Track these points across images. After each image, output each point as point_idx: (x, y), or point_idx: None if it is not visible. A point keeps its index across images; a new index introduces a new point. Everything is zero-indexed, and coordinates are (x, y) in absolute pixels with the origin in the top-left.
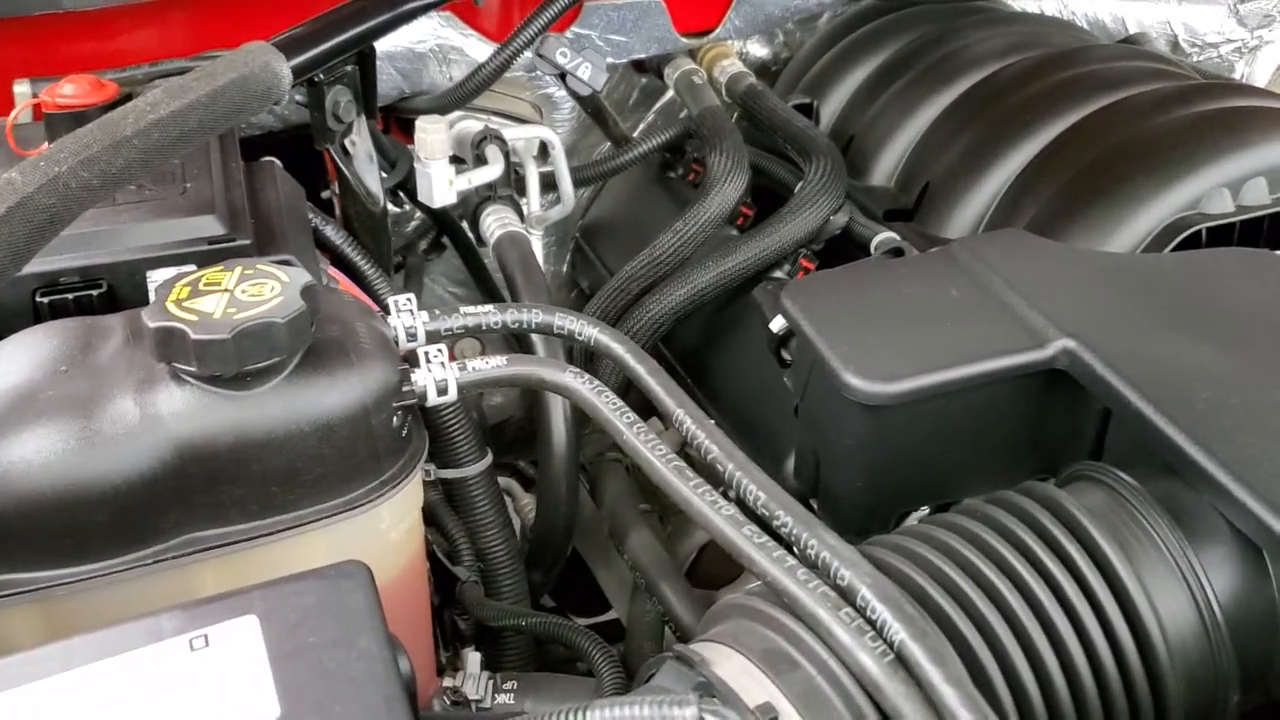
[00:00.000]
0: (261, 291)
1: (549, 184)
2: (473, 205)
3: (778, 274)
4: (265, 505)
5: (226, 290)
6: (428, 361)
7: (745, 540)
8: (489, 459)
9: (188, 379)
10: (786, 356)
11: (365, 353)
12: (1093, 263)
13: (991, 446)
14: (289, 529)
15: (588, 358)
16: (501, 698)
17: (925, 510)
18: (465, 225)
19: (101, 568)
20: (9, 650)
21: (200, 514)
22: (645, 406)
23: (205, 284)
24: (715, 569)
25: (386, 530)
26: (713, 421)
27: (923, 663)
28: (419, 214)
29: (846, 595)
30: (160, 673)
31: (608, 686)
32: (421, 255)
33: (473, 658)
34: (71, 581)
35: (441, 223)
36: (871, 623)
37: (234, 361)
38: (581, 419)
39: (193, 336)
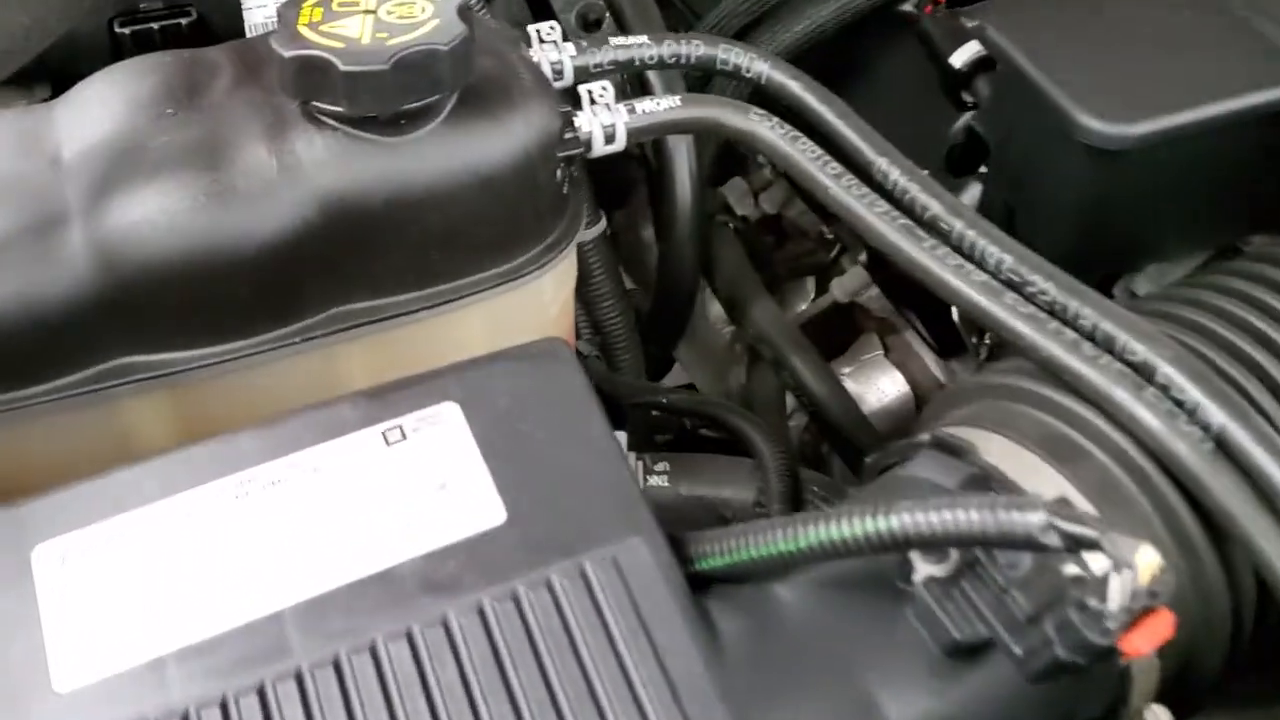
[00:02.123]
0: (412, 12)
1: None
2: None
3: (906, 7)
4: (422, 273)
5: (369, 11)
6: (592, 102)
7: (1008, 311)
8: (604, 223)
9: (329, 121)
10: (968, 98)
11: (527, 91)
12: None
13: (1219, 199)
14: (448, 301)
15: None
16: (654, 480)
17: None
18: None
19: (242, 347)
20: (137, 445)
21: (351, 284)
22: None
23: (339, 3)
24: None
25: (548, 304)
26: (926, 172)
27: (1251, 450)
28: None
29: (1142, 373)
30: (353, 471)
31: (771, 467)
32: None
33: (619, 436)
34: (207, 364)
35: None
36: (1179, 404)
37: (391, 98)
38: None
39: (341, 68)
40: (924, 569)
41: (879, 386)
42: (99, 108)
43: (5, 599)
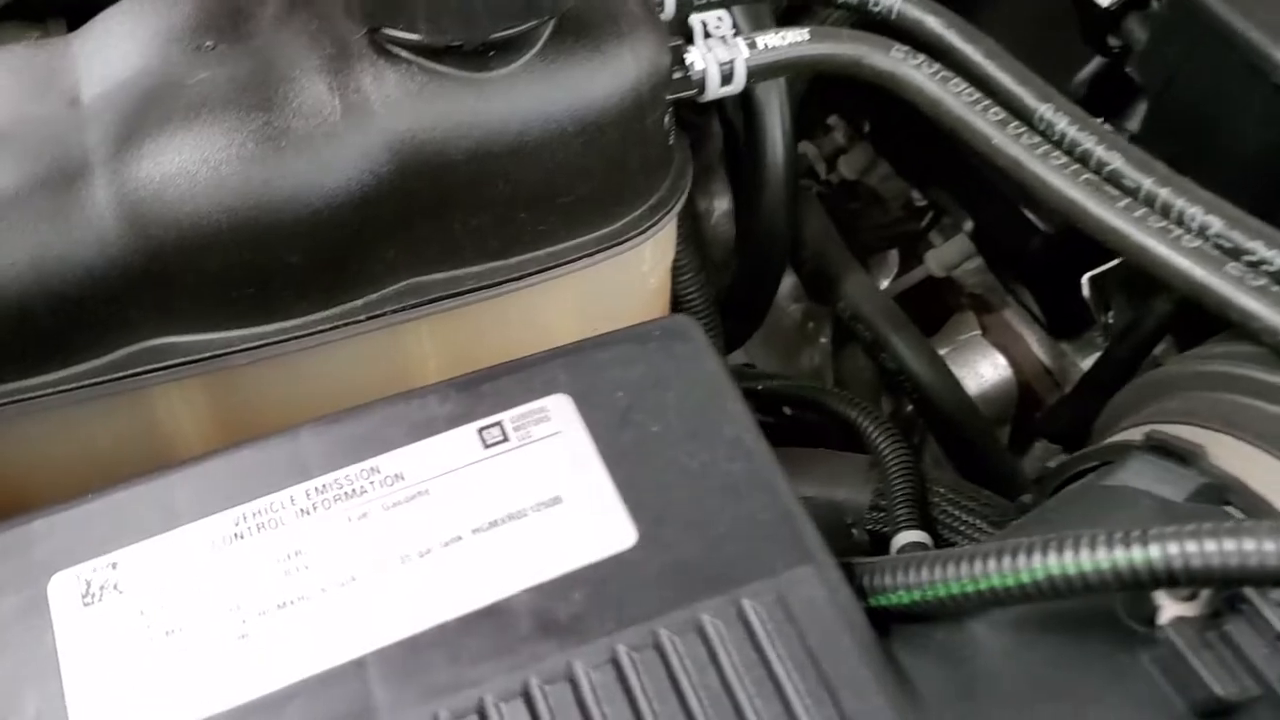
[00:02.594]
0: None
1: None
2: None
3: None
4: (509, 240)
5: None
6: (706, 35)
7: (1235, 285)
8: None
9: (403, 53)
10: (1115, 42)
11: (635, 19)
12: None
13: None
14: (538, 272)
15: None
16: None
17: None
18: None
19: (295, 327)
20: (172, 444)
21: (425, 251)
22: None
23: None
24: None
25: (647, 275)
26: (1101, 120)
27: None
28: None
29: None
30: (446, 480)
31: (892, 466)
32: None
33: None
34: (255, 347)
35: None
36: None
37: (479, 24)
38: None
39: None
40: (1172, 608)
41: (978, 371)
42: (125, 40)
43: (15, 644)
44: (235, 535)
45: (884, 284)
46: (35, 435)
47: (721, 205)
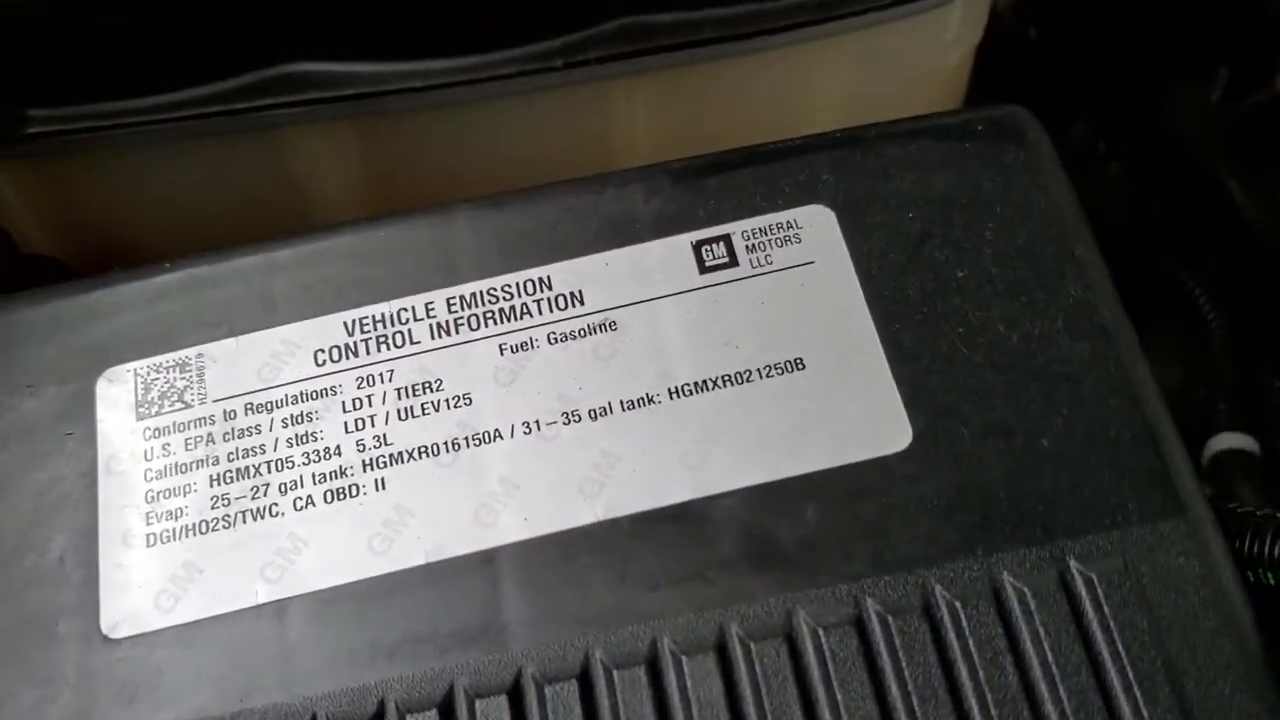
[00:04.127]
0: None
1: None
2: None
3: None
4: None
5: None
6: None
7: None
8: None
9: None
10: None
11: None
12: None
13: None
14: (804, 24)
15: None
16: None
17: None
18: None
19: (470, 66)
20: (302, 198)
21: None
22: None
23: None
24: None
25: (948, 48)
26: None
27: None
28: None
29: None
30: (638, 311)
31: (1220, 339)
32: None
33: None
34: (418, 88)
35: None
36: None
37: None
38: None
39: None
40: None
41: None
42: None
43: (48, 454)
44: (345, 348)
45: None
46: (145, 173)
47: None
